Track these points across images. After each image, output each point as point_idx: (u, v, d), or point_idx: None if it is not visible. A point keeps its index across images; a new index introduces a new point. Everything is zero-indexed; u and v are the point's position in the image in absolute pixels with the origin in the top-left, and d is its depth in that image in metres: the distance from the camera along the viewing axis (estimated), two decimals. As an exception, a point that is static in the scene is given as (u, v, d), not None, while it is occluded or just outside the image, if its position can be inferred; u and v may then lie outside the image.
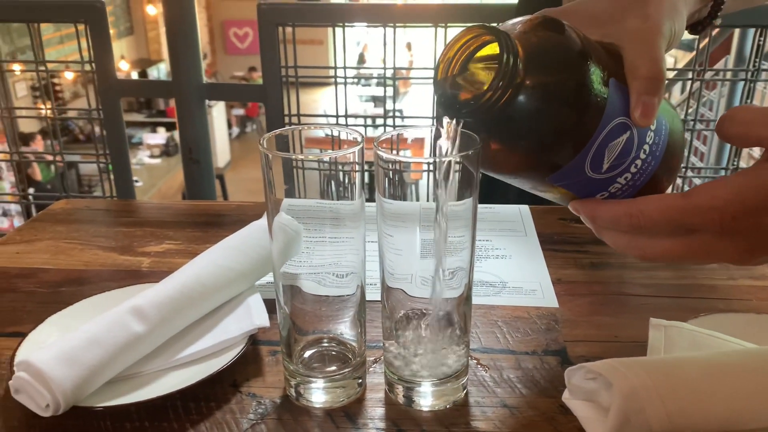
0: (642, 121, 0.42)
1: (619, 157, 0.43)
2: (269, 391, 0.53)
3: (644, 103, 0.42)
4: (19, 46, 6.36)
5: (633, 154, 0.44)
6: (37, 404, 0.48)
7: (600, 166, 0.43)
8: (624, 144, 0.43)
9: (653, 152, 0.45)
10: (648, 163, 0.45)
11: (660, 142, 0.45)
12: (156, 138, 7.98)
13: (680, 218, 0.40)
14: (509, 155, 0.44)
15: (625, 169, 0.44)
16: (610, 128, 0.42)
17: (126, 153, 1.25)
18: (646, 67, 0.43)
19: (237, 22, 11.27)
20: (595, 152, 0.42)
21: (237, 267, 0.61)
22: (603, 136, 0.42)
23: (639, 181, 0.45)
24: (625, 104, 0.43)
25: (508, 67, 0.40)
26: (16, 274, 0.73)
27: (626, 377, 0.43)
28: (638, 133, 0.43)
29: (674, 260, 0.43)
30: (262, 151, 0.46)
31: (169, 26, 1.21)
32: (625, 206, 0.42)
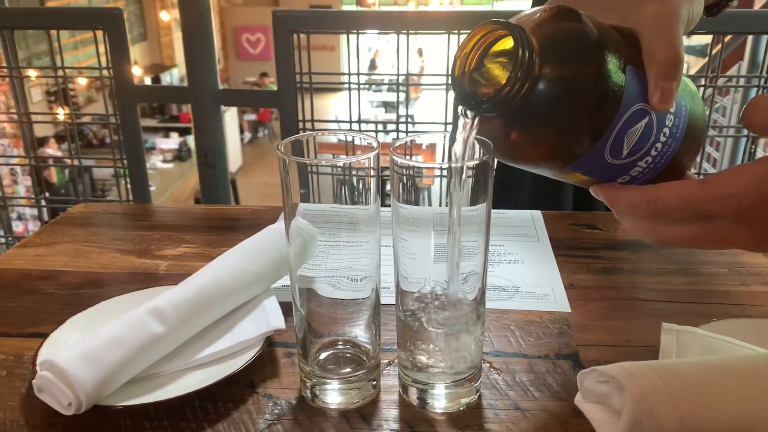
0: (661, 106, 0.42)
1: (638, 142, 0.43)
2: (285, 392, 0.54)
3: (663, 88, 0.42)
4: (35, 51, 6.44)
5: (653, 138, 0.44)
6: (60, 403, 0.49)
7: (620, 152, 0.43)
8: (643, 129, 0.43)
9: (673, 134, 0.45)
10: (668, 145, 0.45)
11: (680, 123, 0.45)
12: (169, 143, 8.04)
13: (698, 205, 0.40)
14: (528, 147, 0.44)
15: (646, 153, 0.44)
16: (629, 115, 0.42)
17: (142, 157, 1.27)
18: (663, 52, 0.43)
19: (249, 27, 11.34)
20: (614, 140, 0.42)
21: (254, 270, 0.62)
22: (622, 124, 0.42)
23: (660, 163, 0.45)
24: (643, 90, 0.42)
25: (523, 62, 0.40)
26: (36, 276, 0.74)
27: (638, 380, 0.43)
28: (657, 117, 0.43)
29: (691, 245, 0.43)
30: (280, 156, 0.47)
31: (186, 33, 1.22)
32: (643, 193, 0.43)
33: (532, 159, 0.45)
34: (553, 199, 1.01)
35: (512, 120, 0.44)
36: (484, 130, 0.45)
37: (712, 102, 1.25)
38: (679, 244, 0.44)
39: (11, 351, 0.60)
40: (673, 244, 0.44)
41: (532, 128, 0.43)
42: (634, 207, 0.43)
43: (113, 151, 1.27)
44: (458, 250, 0.47)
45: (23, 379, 0.56)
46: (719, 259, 0.75)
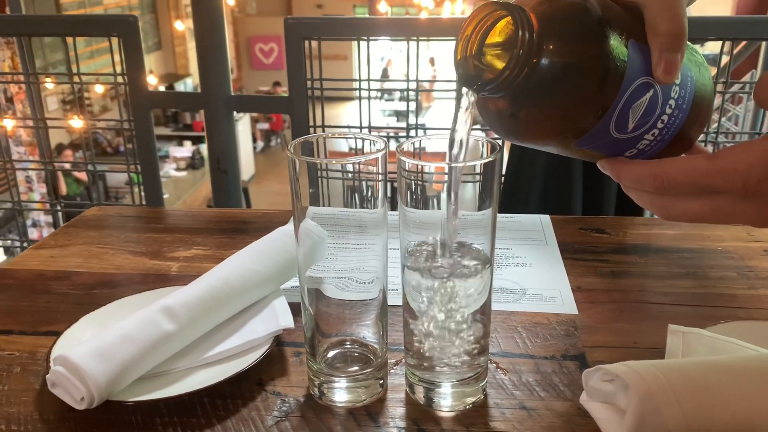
0: (665, 79, 0.42)
1: (644, 115, 0.43)
2: (293, 390, 0.55)
3: (666, 60, 0.42)
4: (51, 61, 6.53)
5: (659, 110, 0.43)
6: (73, 397, 0.50)
7: (625, 126, 0.43)
8: (648, 103, 0.42)
9: (679, 106, 0.44)
10: (675, 117, 0.45)
11: (686, 94, 0.45)
12: (182, 151, 8.11)
13: (705, 180, 0.40)
14: (533, 126, 0.44)
15: (652, 125, 0.44)
16: (633, 89, 0.41)
17: (156, 163, 1.28)
18: (666, 24, 0.42)
19: (263, 37, 11.43)
20: (619, 115, 0.42)
21: (263, 270, 0.63)
22: (626, 98, 0.41)
23: (668, 135, 0.45)
24: (647, 63, 0.42)
25: (524, 42, 0.40)
26: (51, 276, 0.75)
27: (643, 379, 0.43)
28: (662, 90, 0.43)
29: (696, 220, 0.43)
30: (290, 157, 0.48)
31: (199, 40, 1.24)
32: (649, 167, 0.43)
33: (537, 137, 0.45)
34: (562, 204, 1.01)
35: (516, 99, 0.44)
36: (487, 109, 0.46)
37: (721, 109, 1.25)
38: (685, 219, 0.44)
39: (25, 348, 0.61)
40: (680, 218, 0.44)
41: (537, 107, 0.43)
42: (640, 181, 0.43)
43: (127, 158, 1.28)
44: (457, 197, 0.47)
45: (37, 376, 0.57)
46: (727, 263, 0.75)
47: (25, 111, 3.92)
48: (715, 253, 0.78)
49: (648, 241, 0.83)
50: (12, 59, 3.97)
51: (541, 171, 1.01)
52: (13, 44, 3.88)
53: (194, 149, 8.11)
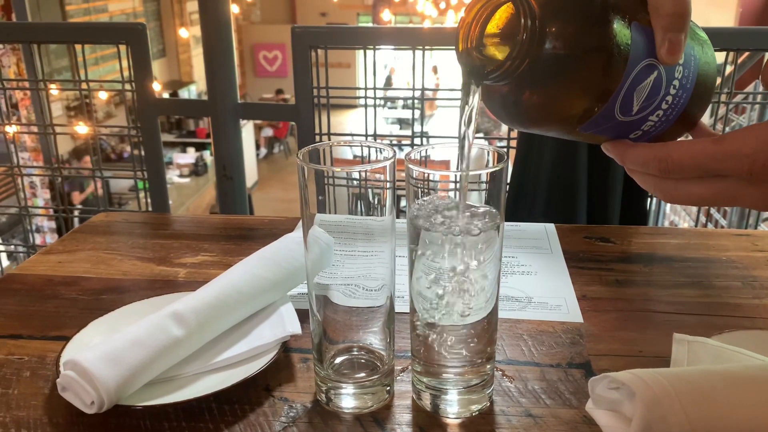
0: (669, 59, 0.42)
1: (648, 97, 0.42)
2: (300, 396, 0.55)
3: (670, 41, 0.41)
4: (56, 67, 6.56)
5: (663, 91, 0.43)
6: (83, 401, 0.50)
7: (630, 109, 0.42)
8: (653, 84, 0.42)
9: (684, 85, 0.44)
10: (679, 97, 0.44)
11: (690, 74, 0.44)
12: (186, 158, 8.13)
13: (710, 164, 0.40)
14: (537, 112, 0.44)
15: (657, 107, 0.43)
16: (637, 72, 0.41)
17: (162, 170, 1.29)
18: (670, 4, 0.42)
19: (267, 45, 11.48)
20: (623, 98, 0.42)
21: (271, 276, 0.64)
22: (630, 81, 0.41)
23: (672, 116, 0.45)
24: (650, 45, 0.42)
25: (526, 29, 0.40)
26: (59, 281, 0.76)
27: (649, 386, 0.44)
28: (666, 70, 0.43)
29: (700, 204, 0.44)
30: (299, 164, 0.48)
31: (207, 48, 1.25)
32: (654, 150, 0.43)
33: (541, 123, 0.45)
34: (567, 213, 1.01)
35: (520, 86, 0.43)
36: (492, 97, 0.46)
37: (726, 119, 1.25)
38: (689, 202, 0.44)
39: (34, 353, 0.61)
40: (683, 201, 0.44)
41: (541, 94, 0.43)
42: (645, 164, 0.43)
43: (134, 164, 1.29)
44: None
45: (46, 380, 0.57)
46: (732, 273, 0.76)
47: (29, 117, 3.94)
48: (720, 263, 0.79)
49: (653, 250, 0.83)
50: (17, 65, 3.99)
51: (546, 180, 1.01)
52: (18, 50, 3.90)
53: (198, 156, 8.13)
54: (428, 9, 8.07)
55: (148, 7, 8.92)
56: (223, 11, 1.23)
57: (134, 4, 8.47)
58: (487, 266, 0.49)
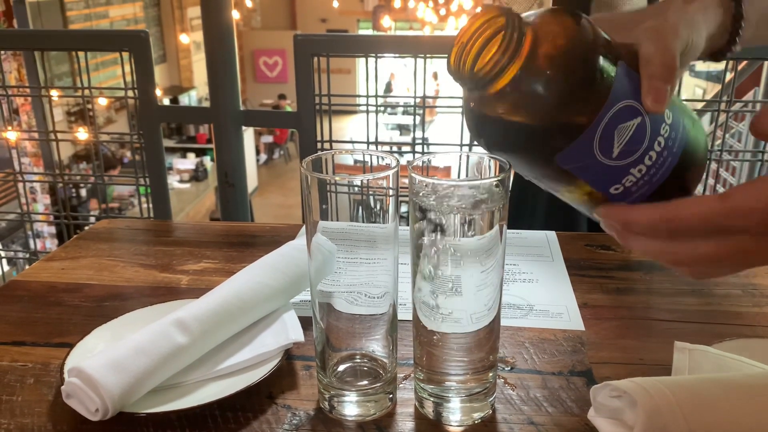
0: (653, 106, 0.42)
1: (630, 143, 0.42)
2: (303, 404, 0.55)
3: (656, 88, 0.42)
4: (56, 73, 6.57)
5: (646, 143, 0.43)
6: (87, 409, 0.50)
7: (610, 149, 0.42)
8: (635, 130, 0.42)
9: (669, 147, 0.44)
10: (664, 158, 0.44)
11: (676, 137, 0.44)
12: (186, 163, 8.13)
13: (719, 221, 0.39)
14: (517, 130, 0.44)
15: (639, 159, 0.43)
16: (619, 109, 0.42)
17: (164, 176, 1.30)
18: (659, 56, 0.43)
19: (267, 51, 11.51)
20: (603, 132, 0.42)
21: (274, 284, 0.64)
22: (611, 116, 0.41)
23: (656, 177, 0.44)
24: (636, 89, 0.42)
25: (511, 37, 0.41)
26: (62, 288, 0.76)
27: (651, 396, 0.44)
28: (652, 122, 0.43)
29: (708, 266, 0.42)
30: (303, 173, 0.49)
31: (209, 55, 1.26)
32: (661, 210, 0.41)
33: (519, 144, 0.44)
34: (568, 221, 1.02)
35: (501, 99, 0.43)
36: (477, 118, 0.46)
37: (726, 126, 1.26)
38: (697, 264, 0.42)
39: (38, 360, 0.62)
40: (691, 264, 0.42)
41: (520, 106, 0.43)
42: (652, 226, 0.42)
43: (135, 170, 1.30)
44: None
45: (50, 387, 0.57)
46: (732, 281, 0.76)
47: (30, 122, 3.95)
48: (720, 271, 0.79)
49: (653, 258, 0.83)
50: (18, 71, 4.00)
51: (547, 187, 1.02)
52: (19, 56, 3.91)
53: (198, 161, 8.13)
54: (428, 15, 8.10)
55: (148, 12, 8.94)
56: (226, 19, 1.24)
57: (135, 10, 8.49)
58: (489, 273, 0.49)
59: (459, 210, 0.48)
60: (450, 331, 0.51)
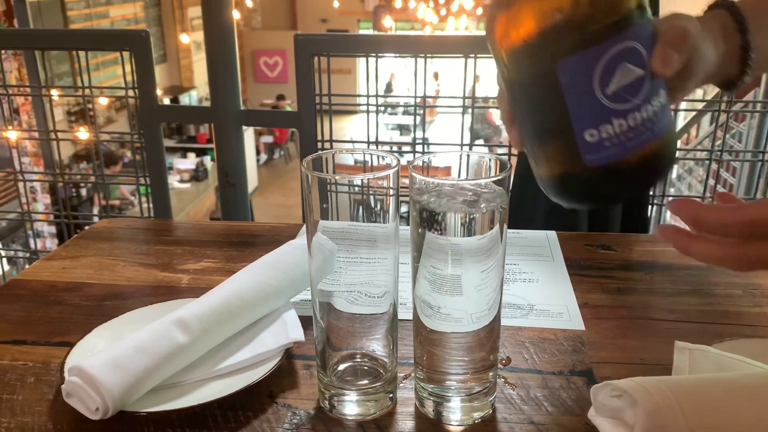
0: (660, 67, 0.44)
1: (626, 89, 0.43)
2: (304, 403, 0.55)
3: (666, 53, 0.44)
4: (57, 72, 6.57)
5: (637, 99, 0.44)
6: (88, 408, 0.50)
7: (608, 81, 0.43)
8: (635, 78, 0.44)
9: (652, 122, 0.45)
10: (645, 128, 0.45)
11: (661, 121, 0.46)
12: (186, 163, 8.13)
13: None
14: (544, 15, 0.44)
15: (625, 112, 0.44)
16: (632, 46, 0.43)
17: (165, 176, 1.30)
18: (675, 29, 0.46)
19: (267, 51, 11.51)
20: (611, 58, 0.43)
21: (274, 284, 0.64)
22: (624, 47, 0.43)
23: (629, 143, 0.45)
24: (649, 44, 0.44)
25: None
26: (62, 287, 0.76)
27: (651, 395, 0.44)
28: (650, 84, 0.44)
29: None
30: (304, 172, 0.49)
31: (210, 55, 1.26)
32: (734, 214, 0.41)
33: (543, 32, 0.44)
34: (568, 221, 1.02)
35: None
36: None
37: (726, 127, 1.26)
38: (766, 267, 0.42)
39: (38, 359, 0.62)
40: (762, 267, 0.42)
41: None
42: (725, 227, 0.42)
43: (136, 170, 1.30)
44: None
45: (50, 386, 0.57)
46: (733, 281, 0.76)
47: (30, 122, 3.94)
48: (720, 271, 0.79)
49: (653, 258, 0.83)
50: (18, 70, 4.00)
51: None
52: (20, 56, 3.91)
53: (198, 161, 8.13)
54: (429, 16, 8.10)
55: (149, 12, 8.94)
56: (227, 19, 1.24)
57: (135, 10, 8.49)
58: (489, 273, 0.49)
59: (459, 210, 0.48)
60: (450, 331, 0.51)
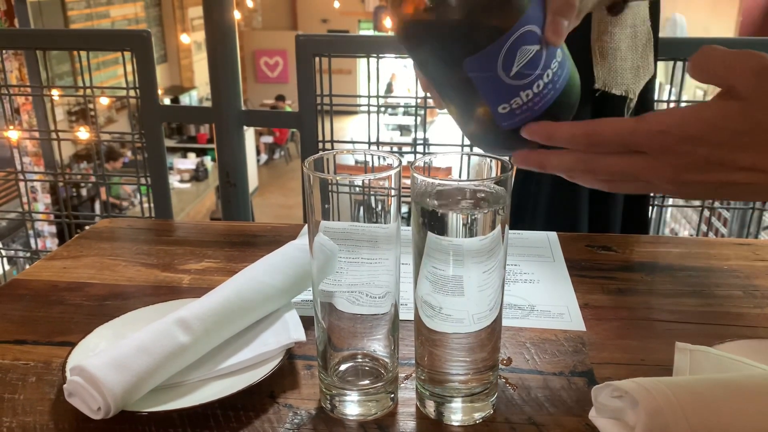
0: (552, 38, 0.48)
1: (527, 66, 0.48)
2: (305, 403, 0.55)
3: (557, 23, 0.48)
4: (57, 72, 6.57)
5: (538, 71, 0.48)
6: (89, 407, 0.51)
7: (510, 67, 0.47)
8: (534, 54, 0.48)
9: (554, 81, 0.49)
10: (548, 90, 0.49)
11: (561, 76, 0.50)
12: (186, 163, 8.13)
13: (630, 138, 0.45)
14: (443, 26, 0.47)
15: (529, 85, 0.48)
16: (526, 30, 0.47)
17: (166, 176, 1.30)
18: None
19: (268, 51, 11.51)
20: (510, 47, 0.47)
21: (275, 284, 0.64)
22: (518, 35, 0.47)
23: (537, 106, 0.49)
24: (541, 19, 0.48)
25: None
26: (64, 287, 0.76)
27: (652, 396, 0.44)
28: (546, 53, 0.48)
29: (616, 176, 0.47)
30: (305, 173, 0.49)
31: (211, 56, 1.26)
32: (581, 126, 0.47)
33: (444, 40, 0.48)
34: (568, 221, 1.02)
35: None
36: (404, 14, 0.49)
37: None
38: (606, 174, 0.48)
39: (40, 358, 0.62)
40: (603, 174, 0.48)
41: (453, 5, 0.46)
42: (573, 139, 0.47)
43: (137, 170, 1.30)
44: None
45: (52, 385, 0.57)
46: (733, 282, 0.76)
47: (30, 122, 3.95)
48: (721, 272, 0.79)
49: (654, 259, 0.83)
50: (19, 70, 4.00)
51: (548, 188, 1.02)
52: (20, 56, 3.91)
53: (198, 161, 8.14)
54: (429, 16, 8.08)
55: (149, 12, 8.95)
56: (228, 19, 1.24)
57: (136, 10, 8.49)
58: (491, 274, 0.49)
59: (460, 210, 0.48)
60: (451, 332, 0.51)
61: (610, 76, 0.94)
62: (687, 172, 0.45)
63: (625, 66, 0.94)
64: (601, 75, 0.94)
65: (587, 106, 0.96)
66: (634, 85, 0.96)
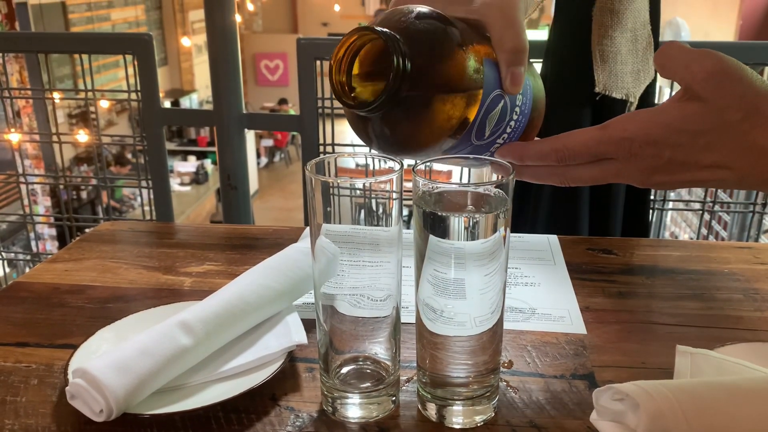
0: (513, 89, 0.49)
1: (497, 123, 0.50)
2: (306, 405, 0.55)
3: (512, 74, 0.48)
4: (58, 75, 6.58)
5: (508, 117, 0.50)
6: (92, 410, 0.51)
7: (483, 134, 0.50)
8: (500, 112, 0.49)
9: (523, 111, 0.52)
10: (520, 122, 0.52)
11: (527, 100, 0.52)
12: (186, 166, 8.13)
13: (597, 148, 0.47)
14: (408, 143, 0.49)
15: (503, 131, 0.51)
16: (489, 101, 0.48)
17: (167, 179, 1.30)
18: (511, 41, 0.49)
19: (268, 54, 11.52)
20: (479, 124, 0.48)
21: (277, 286, 0.64)
22: (484, 110, 0.48)
23: (514, 136, 0.52)
24: (498, 77, 0.49)
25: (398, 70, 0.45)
26: (65, 290, 0.76)
27: (653, 398, 0.44)
28: (510, 99, 0.50)
29: (589, 182, 0.50)
30: (307, 176, 0.49)
31: (212, 58, 1.26)
32: (550, 143, 0.49)
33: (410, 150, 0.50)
34: (569, 224, 1.02)
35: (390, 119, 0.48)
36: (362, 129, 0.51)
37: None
38: (580, 183, 0.50)
39: (42, 361, 0.62)
40: (577, 183, 0.50)
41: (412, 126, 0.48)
42: (543, 156, 0.49)
43: (138, 172, 1.30)
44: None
45: (54, 388, 0.58)
46: (734, 285, 0.76)
47: (31, 125, 3.95)
48: (722, 275, 0.79)
49: (655, 262, 0.84)
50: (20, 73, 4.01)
51: (548, 191, 1.02)
52: (21, 59, 3.92)
53: (198, 164, 8.14)
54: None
55: (150, 15, 8.95)
56: (229, 22, 1.24)
57: (137, 13, 8.50)
58: (492, 277, 0.49)
59: (462, 213, 0.48)
60: (453, 334, 0.51)
61: (610, 80, 0.94)
62: (655, 173, 0.47)
63: (625, 70, 0.95)
64: (601, 78, 0.94)
65: (588, 110, 0.96)
66: (635, 88, 0.97)
